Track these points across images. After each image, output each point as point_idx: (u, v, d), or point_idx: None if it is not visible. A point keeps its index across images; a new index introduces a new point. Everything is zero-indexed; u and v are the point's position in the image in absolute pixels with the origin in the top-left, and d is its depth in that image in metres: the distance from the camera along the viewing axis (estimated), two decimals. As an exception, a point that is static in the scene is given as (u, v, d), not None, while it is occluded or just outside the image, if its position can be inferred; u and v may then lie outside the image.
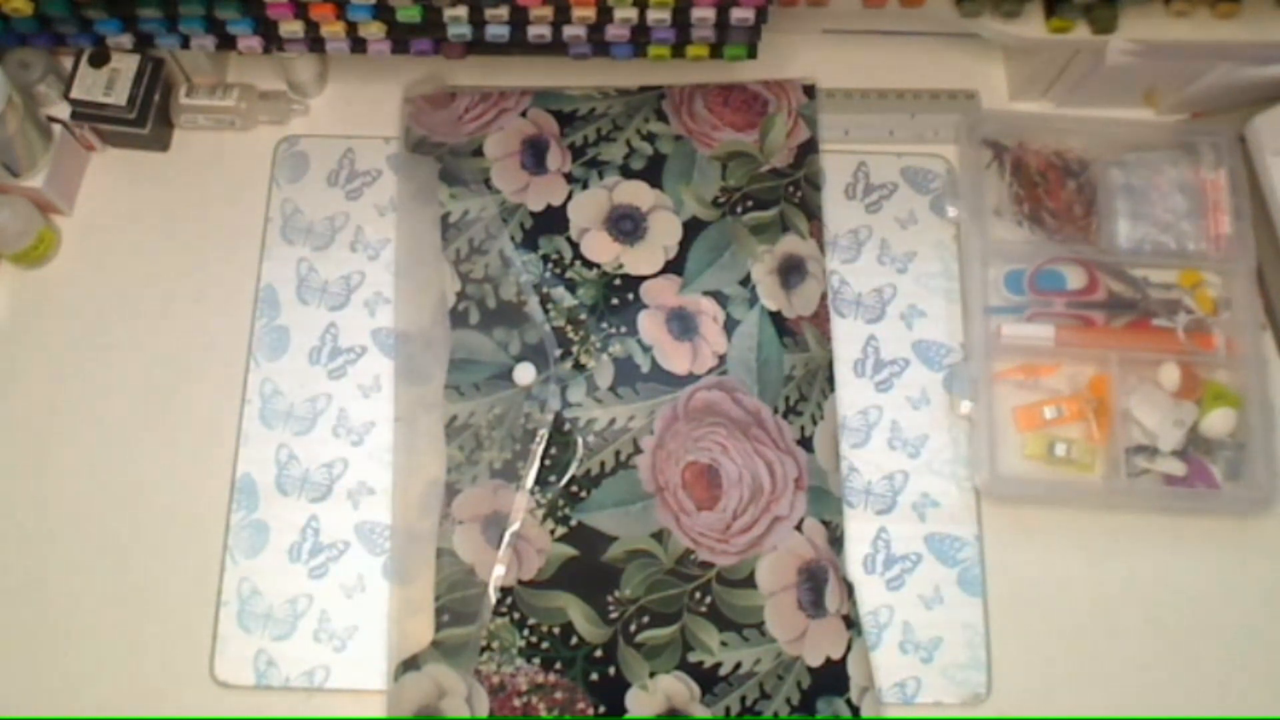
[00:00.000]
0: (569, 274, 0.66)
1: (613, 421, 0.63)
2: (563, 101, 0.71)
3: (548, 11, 0.63)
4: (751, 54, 0.67)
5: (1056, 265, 0.68)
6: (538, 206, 0.68)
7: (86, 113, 0.68)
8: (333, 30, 0.64)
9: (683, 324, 0.65)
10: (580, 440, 0.63)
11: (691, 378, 0.64)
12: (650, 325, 0.65)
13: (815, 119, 0.71)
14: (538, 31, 0.64)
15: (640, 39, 0.65)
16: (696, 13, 0.63)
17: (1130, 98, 0.72)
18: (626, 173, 0.69)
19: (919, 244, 0.71)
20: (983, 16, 0.66)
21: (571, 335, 0.65)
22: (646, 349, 0.64)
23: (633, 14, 0.63)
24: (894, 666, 0.62)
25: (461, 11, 0.63)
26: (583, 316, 0.65)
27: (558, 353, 0.64)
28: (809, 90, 0.71)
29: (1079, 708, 0.62)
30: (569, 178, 0.69)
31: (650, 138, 0.69)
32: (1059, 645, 0.63)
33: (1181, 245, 0.69)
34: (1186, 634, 0.64)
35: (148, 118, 0.69)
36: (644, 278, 0.66)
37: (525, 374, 0.64)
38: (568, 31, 0.64)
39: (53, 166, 0.68)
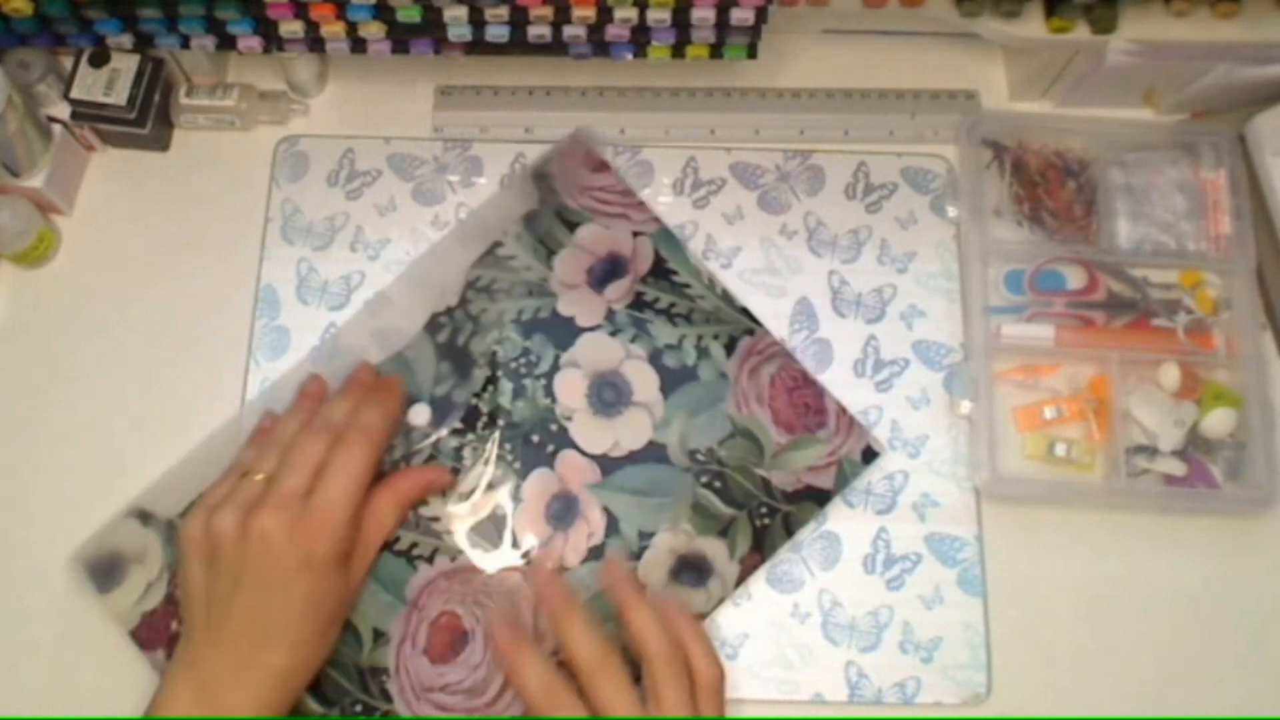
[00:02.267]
0: (525, 382, 0.64)
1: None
2: (676, 258, 0.68)
3: (548, 11, 0.63)
4: (751, 54, 0.67)
5: (1056, 265, 0.68)
6: (564, 311, 0.66)
7: (86, 113, 0.68)
8: (333, 30, 0.64)
9: (567, 509, 0.63)
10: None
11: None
12: (540, 487, 0.63)
13: (849, 479, 0.64)
14: (538, 31, 0.64)
15: (640, 39, 0.65)
16: (696, 13, 0.63)
17: (1130, 98, 0.72)
18: (655, 359, 0.65)
19: (919, 244, 0.71)
20: (983, 16, 0.66)
21: (482, 429, 0.64)
22: (519, 501, 0.63)
23: (633, 14, 0.63)
24: (894, 666, 0.62)
25: (461, 11, 0.63)
26: (501, 422, 0.64)
27: (459, 426, 0.64)
28: (867, 455, 0.65)
29: (1079, 708, 0.62)
30: (609, 314, 0.66)
31: (702, 352, 0.65)
32: (1059, 645, 0.63)
33: (1181, 245, 0.69)
34: (1186, 634, 0.64)
35: (148, 118, 0.69)
36: (575, 446, 0.64)
37: (420, 415, 0.63)
38: (568, 32, 0.64)
39: (53, 166, 0.68)
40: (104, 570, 0.62)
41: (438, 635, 0.61)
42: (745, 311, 0.67)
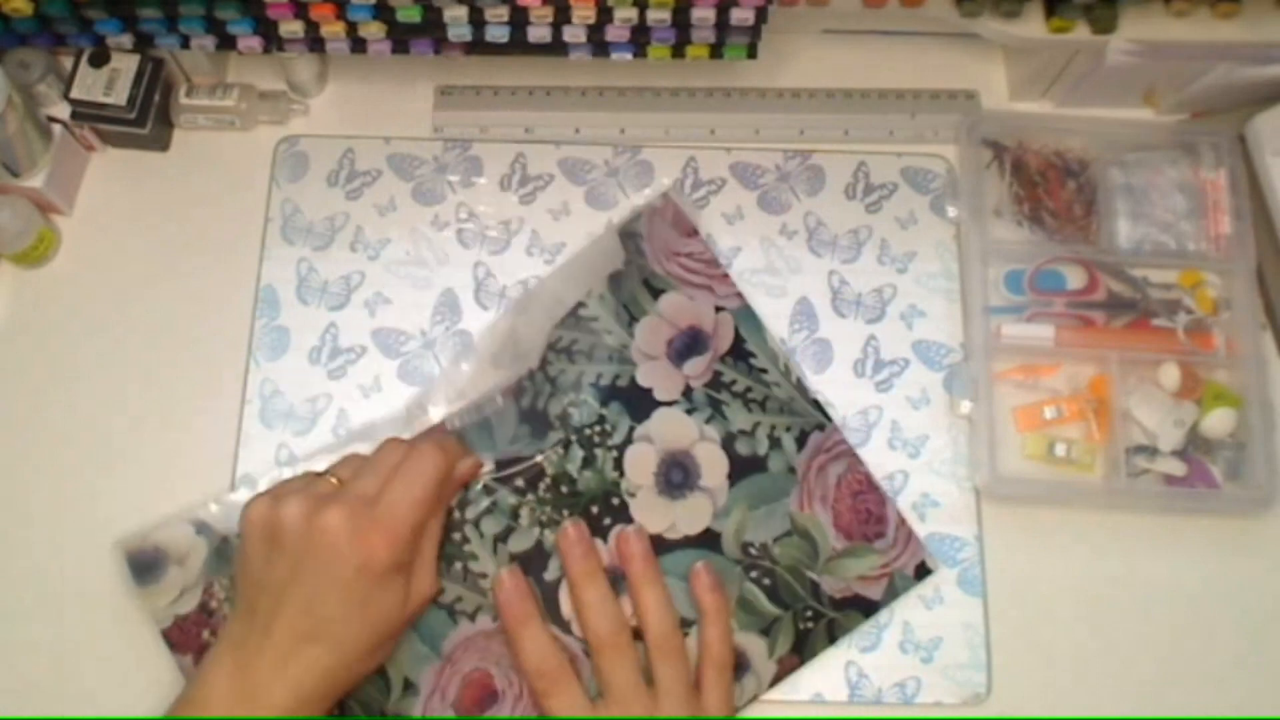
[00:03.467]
0: (597, 452, 0.63)
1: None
2: (756, 339, 0.66)
3: (548, 11, 0.63)
4: (752, 54, 0.67)
5: (1056, 265, 0.68)
6: (643, 382, 0.65)
7: (86, 113, 0.68)
8: (333, 30, 0.64)
9: (613, 585, 0.60)
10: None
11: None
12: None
13: (899, 593, 0.63)
14: (538, 32, 0.64)
15: (640, 39, 0.65)
16: (696, 13, 0.63)
17: (1130, 98, 0.72)
18: (728, 444, 0.64)
19: (919, 244, 0.71)
20: (983, 16, 0.66)
21: (544, 491, 0.63)
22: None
23: (633, 14, 0.63)
24: (894, 666, 0.62)
25: (461, 11, 0.63)
26: (565, 489, 0.63)
27: (520, 485, 0.62)
28: (920, 571, 0.63)
29: (1079, 708, 0.62)
30: (687, 392, 0.65)
31: (775, 442, 0.64)
32: (1059, 645, 0.63)
33: (1181, 245, 0.69)
34: (1186, 634, 0.64)
35: (148, 118, 0.69)
36: (629, 517, 0.62)
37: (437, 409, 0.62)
38: (568, 32, 0.64)
39: (53, 166, 0.68)
40: (145, 564, 0.61)
41: (467, 690, 0.59)
42: (818, 404, 0.65)
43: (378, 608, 0.53)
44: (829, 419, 0.65)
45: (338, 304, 0.69)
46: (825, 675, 0.62)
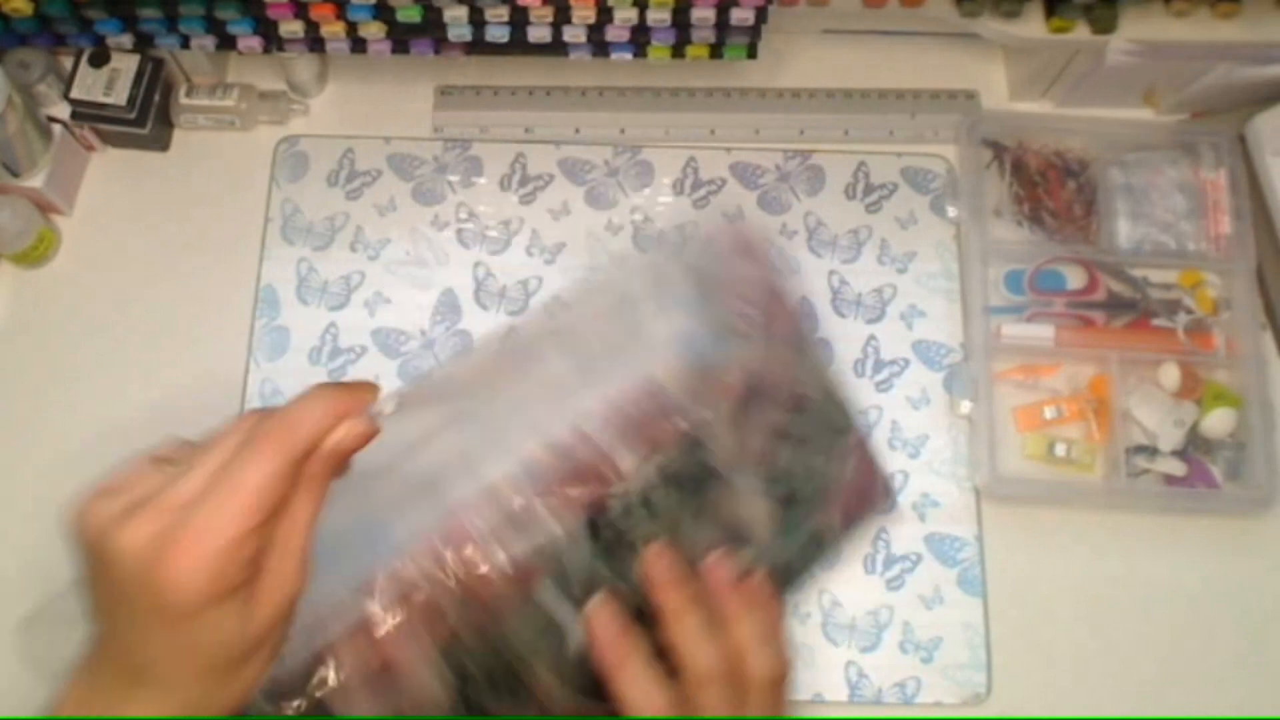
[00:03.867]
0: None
1: None
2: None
3: (548, 11, 0.63)
4: (752, 54, 0.67)
5: (1056, 265, 0.68)
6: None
7: (86, 113, 0.68)
8: (333, 30, 0.64)
9: None
10: None
11: None
12: None
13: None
14: (538, 32, 0.64)
15: (640, 39, 0.65)
16: (696, 13, 0.63)
17: (1130, 98, 0.72)
18: (780, 498, 0.55)
19: (919, 244, 0.71)
20: (983, 16, 0.66)
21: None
22: None
23: (633, 14, 0.63)
24: (894, 666, 0.62)
25: (461, 11, 0.63)
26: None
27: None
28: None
29: (1079, 708, 0.62)
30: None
31: (810, 473, 0.57)
32: (1059, 645, 0.63)
33: (1181, 245, 0.69)
34: (1186, 634, 0.64)
35: (148, 118, 0.69)
36: None
37: (386, 404, 0.46)
38: (568, 32, 0.64)
39: (53, 166, 0.68)
40: None
41: None
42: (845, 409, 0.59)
43: (209, 641, 0.41)
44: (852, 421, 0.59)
45: (338, 304, 0.69)
46: (825, 675, 0.62)
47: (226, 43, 0.66)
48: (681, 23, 0.64)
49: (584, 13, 0.63)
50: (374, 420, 0.45)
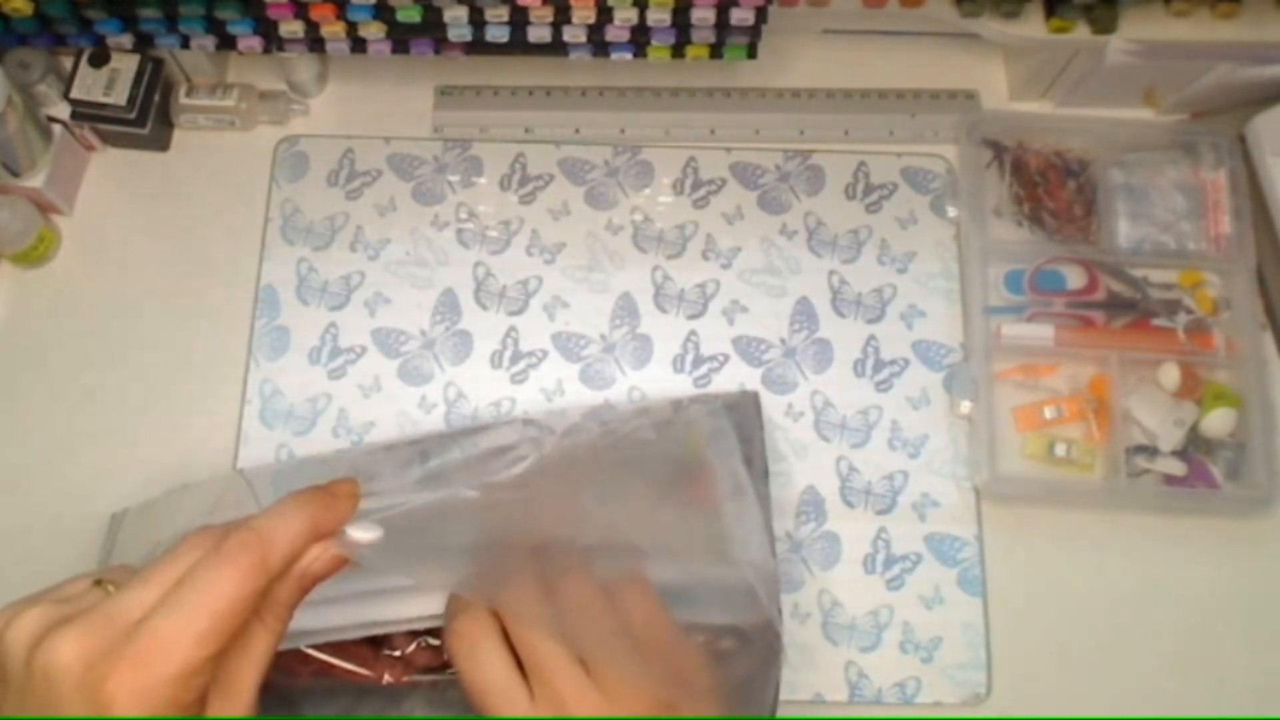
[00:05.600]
0: None
1: None
2: None
3: (548, 12, 0.63)
4: (752, 54, 0.67)
5: (1056, 265, 0.68)
6: None
7: (86, 113, 0.68)
8: (333, 30, 0.64)
9: None
10: None
11: None
12: None
13: None
14: (538, 32, 0.64)
15: (640, 39, 0.65)
16: (696, 13, 0.63)
17: (1130, 98, 0.72)
18: None
19: (919, 244, 0.71)
20: (983, 16, 0.66)
21: None
22: None
23: (633, 14, 0.63)
24: (894, 666, 0.62)
25: (461, 12, 0.63)
26: None
27: None
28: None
29: (1079, 708, 0.62)
30: None
31: None
32: (1059, 645, 0.63)
33: (1181, 245, 0.69)
34: (1186, 634, 0.64)
35: (148, 118, 0.69)
36: None
37: (364, 532, 0.41)
38: (568, 32, 0.64)
39: (53, 166, 0.68)
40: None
41: None
42: None
43: None
44: None
45: (338, 304, 0.69)
46: (825, 675, 0.62)
47: (226, 43, 0.66)
48: (681, 23, 0.64)
49: (584, 13, 0.63)
50: (353, 548, 0.41)
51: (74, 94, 0.67)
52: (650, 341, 0.68)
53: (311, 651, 0.47)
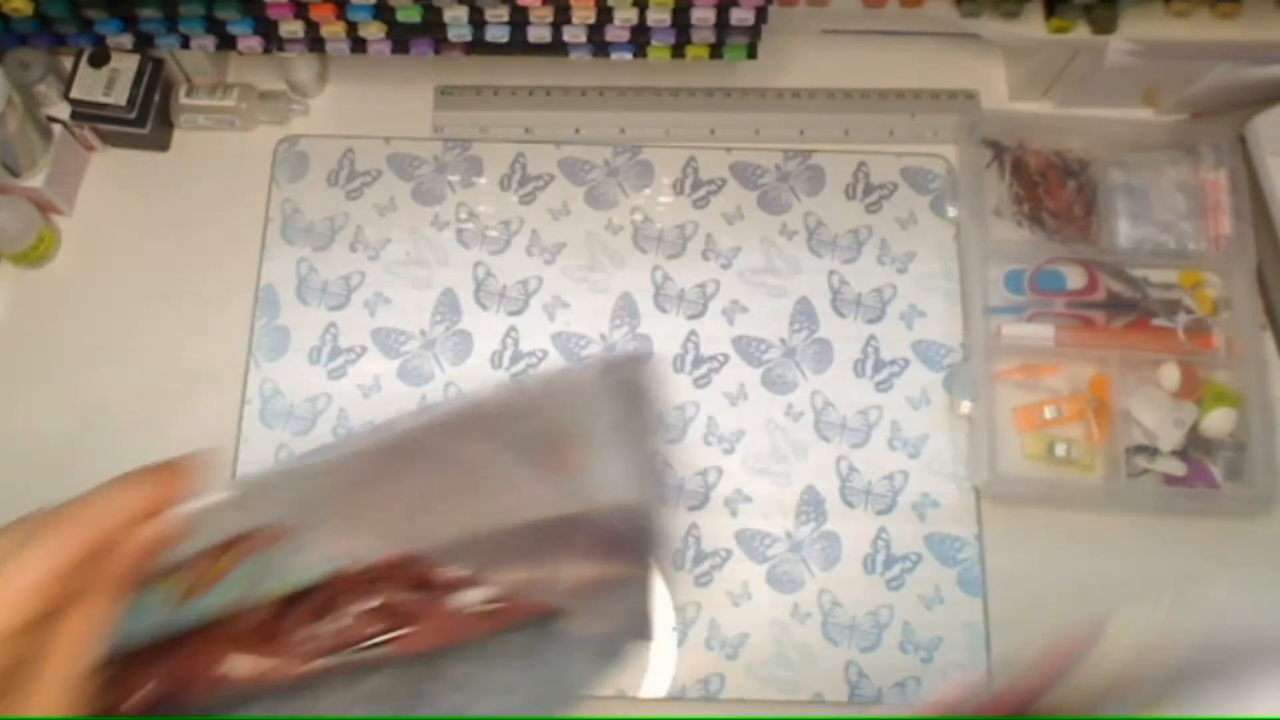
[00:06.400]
0: None
1: None
2: None
3: (548, 12, 0.63)
4: (751, 54, 0.67)
5: (1056, 265, 0.68)
6: None
7: (86, 113, 0.68)
8: (333, 30, 0.64)
9: None
10: None
11: None
12: None
13: None
14: (538, 32, 0.64)
15: (640, 39, 0.65)
16: (696, 13, 0.63)
17: (1130, 98, 0.72)
18: None
19: (919, 244, 0.71)
20: (983, 16, 0.66)
21: None
22: None
23: (633, 14, 0.63)
24: (894, 666, 0.62)
25: (461, 11, 0.63)
26: None
27: None
28: None
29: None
30: None
31: None
32: (1059, 645, 0.63)
33: (1181, 245, 0.69)
34: (1186, 633, 0.64)
35: (148, 118, 0.69)
36: None
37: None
38: (568, 32, 0.64)
39: (53, 166, 0.68)
40: None
41: None
42: None
43: None
44: None
45: (338, 304, 0.69)
46: (825, 675, 0.62)
47: (226, 43, 0.66)
48: (681, 23, 0.64)
49: (584, 13, 0.63)
50: (187, 520, 0.39)
51: (74, 94, 0.67)
52: (650, 342, 0.68)
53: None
